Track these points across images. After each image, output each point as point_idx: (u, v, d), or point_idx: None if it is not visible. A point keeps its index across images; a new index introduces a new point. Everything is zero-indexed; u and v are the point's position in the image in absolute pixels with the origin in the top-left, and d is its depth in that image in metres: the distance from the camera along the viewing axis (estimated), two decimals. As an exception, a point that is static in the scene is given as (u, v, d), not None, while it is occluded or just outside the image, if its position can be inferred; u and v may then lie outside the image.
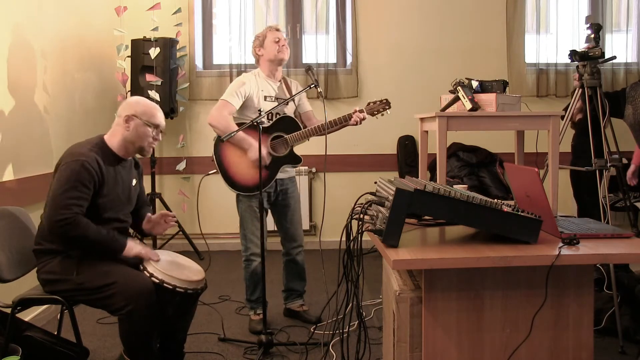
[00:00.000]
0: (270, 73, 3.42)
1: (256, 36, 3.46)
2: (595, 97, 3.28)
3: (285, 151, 3.31)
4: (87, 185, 2.40)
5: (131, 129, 2.55)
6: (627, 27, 5.49)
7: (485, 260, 1.74)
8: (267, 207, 3.43)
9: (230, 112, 3.28)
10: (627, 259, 1.94)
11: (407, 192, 1.77)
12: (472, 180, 4.90)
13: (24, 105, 3.50)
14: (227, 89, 3.35)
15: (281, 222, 3.51)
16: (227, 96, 3.30)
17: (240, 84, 3.33)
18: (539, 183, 1.95)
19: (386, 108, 3.37)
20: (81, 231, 2.36)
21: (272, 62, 3.38)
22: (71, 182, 2.37)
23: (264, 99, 3.35)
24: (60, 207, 2.34)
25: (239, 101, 3.29)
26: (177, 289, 2.46)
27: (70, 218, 2.33)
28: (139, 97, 2.68)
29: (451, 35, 5.47)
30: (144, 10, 4.89)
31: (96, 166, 2.43)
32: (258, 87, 3.36)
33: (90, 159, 2.42)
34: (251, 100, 3.32)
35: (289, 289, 3.61)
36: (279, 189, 3.42)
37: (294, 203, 3.49)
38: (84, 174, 2.39)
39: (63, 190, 2.36)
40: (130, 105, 2.57)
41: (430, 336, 1.82)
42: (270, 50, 3.36)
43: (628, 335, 3.07)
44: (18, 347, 2.49)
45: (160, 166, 5.30)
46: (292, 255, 3.53)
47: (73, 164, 2.40)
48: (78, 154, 2.44)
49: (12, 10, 3.39)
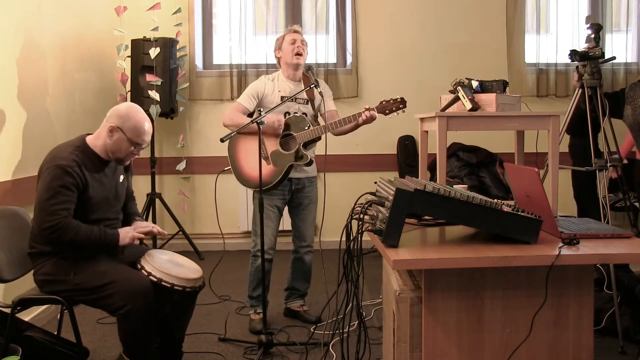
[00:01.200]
0: (288, 75, 3.44)
1: (276, 39, 3.50)
2: (595, 97, 3.28)
3: (294, 149, 3.31)
4: (71, 188, 2.39)
5: (113, 140, 2.51)
6: (627, 27, 5.48)
7: (485, 260, 1.74)
8: (281, 205, 3.45)
9: (244, 113, 3.36)
10: (627, 259, 1.94)
11: (407, 192, 1.77)
12: (472, 180, 4.90)
13: (25, 105, 3.49)
14: (243, 92, 3.45)
15: (294, 220, 3.54)
16: (240, 99, 3.41)
17: (254, 86, 3.42)
18: (539, 183, 1.95)
19: (400, 107, 3.29)
20: (72, 234, 2.36)
21: (289, 65, 3.41)
22: (54, 188, 2.36)
23: (281, 99, 3.36)
24: (48, 214, 2.34)
25: (251, 103, 3.36)
26: (175, 287, 2.46)
27: (59, 224, 2.33)
28: (133, 108, 2.56)
29: (451, 35, 5.47)
30: (144, 10, 4.89)
31: (77, 169, 2.42)
32: (275, 87, 3.40)
33: (70, 162, 2.41)
34: (267, 100, 3.38)
35: (291, 288, 3.61)
36: (294, 188, 3.44)
37: (308, 202, 3.49)
38: (66, 178, 2.38)
39: (48, 197, 2.35)
40: (121, 117, 2.51)
41: (430, 336, 1.82)
42: (286, 53, 3.39)
43: (628, 335, 3.06)
44: (18, 347, 2.49)
45: (160, 166, 5.30)
46: (300, 253, 3.54)
47: (54, 169, 2.39)
48: (58, 158, 2.42)
49: (12, 11, 3.39)
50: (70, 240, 2.37)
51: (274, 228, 3.41)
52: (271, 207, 3.37)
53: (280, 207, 3.45)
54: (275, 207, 3.40)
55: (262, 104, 3.37)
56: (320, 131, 3.29)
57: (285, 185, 3.39)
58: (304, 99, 3.41)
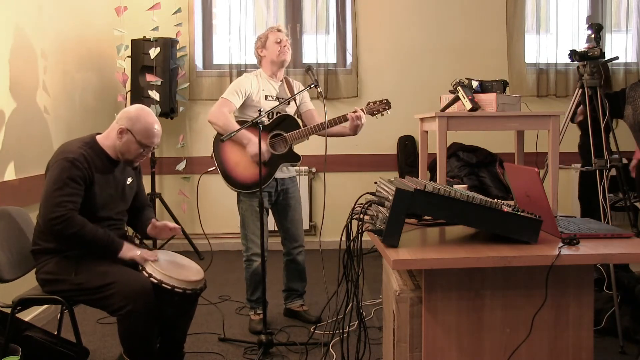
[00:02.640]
0: (272, 73, 3.43)
1: (258, 37, 3.47)
2: (595, 97, 3.28)
3: (284, 149, 3.31)
4: (78, 182, 2.40)
5: (122, 142, 2.52)
6: (627, 27, 5.49)
7: (485, 260, 1.74)
8: (267, 207, 3.43)
9: (230, 110, 3.30)
10: (627, 259, 1.94)
11: (407, 192, 1.77)
12: (472, 180, 4.90)
13: (24, 105, 3.50)
14: (228, 88, 3.38)
15: (282, 222, 3.51)
16: (227, 94, 3.32)
17: (241, 83, 3.35)
18: (539, 183, 1.95)
19: (386, 108, 3.37)
20: (77, 229, 2.36)
21: (274, 63, 3.40)
22: (62, 180, 2.37)
23: (265, 98, 3.36)
24: (54, 205, 2.34)
25: (238, 100, 3.31)
26: (176, 289, 2.45)
27: (64, 215, 2.34)
28: (143, 110, 2.56)
29: (451, 35, 5.47)
30: (144, 10, 4.89)
31: (85, 164, 2.43)
32: (259, 86, 3.37)
33: (78, 156, 2.43)
34: (251, 100, 3.34)
35: (289, 289, 3.61)
36: (280, 189, 3.42)
37: (294, 203, 3.49)
38: (73, 171, 2.39)
39: (55, 188, 2.36)
40: (130, 119, 2.52)
41: (430, 336, 1.82)
42: (272, 51, 3.38)
43: (628, 335, 3.06)
44: (18, 347, 2.49)
45: (160, 166, 5.30)
46: (292, 255, 3.53)
47: (62, 162, 2.40)
48: (67, 151, 2.44)
49: (12, 11, 3.39)
50: (75, 235, 2.36)
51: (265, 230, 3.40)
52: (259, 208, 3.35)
53: (267, 208, 3.45)
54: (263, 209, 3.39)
55: (246, 102, 3.34)
56: (310, 131, 3.29)
57: (272, 186, 3.38)
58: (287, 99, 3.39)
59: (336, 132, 3.38)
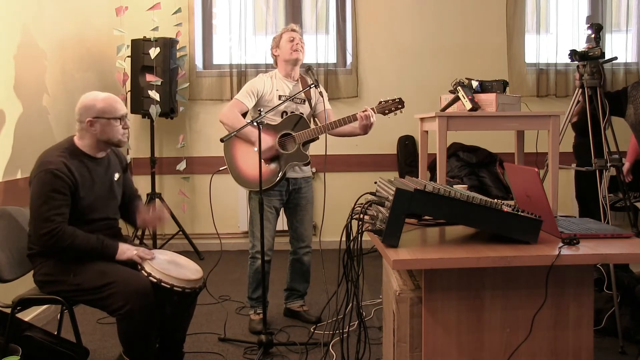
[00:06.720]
0: (286, 73, 3.44)
1: (273, 37, 3.50)
2: (595, 97, 3.28)
3: (293, 149, 3.31)
4: (63, 192, 2.38)
5: (99, 130, 2.52)
6: (627, 27, 5.49)
7: (485, 260, 1.74)
8: (279, 206, 3.44)
9: (241, 111, 3.32)
10: (627, 259, 1.94)
11: (407, 192, 1.77)
12: (472, 180, 4.90)
13: (25, 105, 3.50)
14: (242, 89, 3.42)
15: (291, 221, 3.53)
16: (239, 95, 3.36)
17: (254, 84, 3.39)
18: (539, 183, 1.95)
19: (399, 107, 3.30)
20: (68, 242, 2.36)
21: (287, 62, 3.40)
22: (45, 194, 2.35)
23: (279, 98, 3.36)
24: (43, 221, 2.34)
25: (250, 101, 3.33)
26: (175, 288, 2.46)
27: (54, 230, 2.33)
28: (87, 96, 2.57)
29: (451, 35, 5.47)
30: (144, 10, 4.89)
31: (66, 171, 2.41)
32: (273, 86, 3.39)
33: (59, 165, 2.40)
34: (265, 100, 3.36)
35: (291, 289, 3.61)
36: (292, 188, 3.43)
37: (305, 203, 3.49)
38: (56, 182, 2.37)
39: (40, 203, 2.35)
40: (88, 108, 2.52)
41: (430, 336, 1.82)
42: (284, 50, 3.39)
43: (628, 335, 3.06)
44: (18, 347, 2.49)
45: (160, 166, 5.30)
46: (299, 254, 3.54)
47: (43, 174, 2.38)
48: (47, 162, 2.41)
49: (12, 11, 3.39)
50: (67, 248, 2.37)
51: (272, 229, 3.40)
52: (269, 207, 3.36)
53: (278, 208, 3.45)
54: (272, 208, 3.40)
55: (260, 102, 3.36)
56: (319, 131, 3.29)
57: (283, 185, 3.38)
58: (301, 99, 3.41)
59: (346, 132, 3.37)
